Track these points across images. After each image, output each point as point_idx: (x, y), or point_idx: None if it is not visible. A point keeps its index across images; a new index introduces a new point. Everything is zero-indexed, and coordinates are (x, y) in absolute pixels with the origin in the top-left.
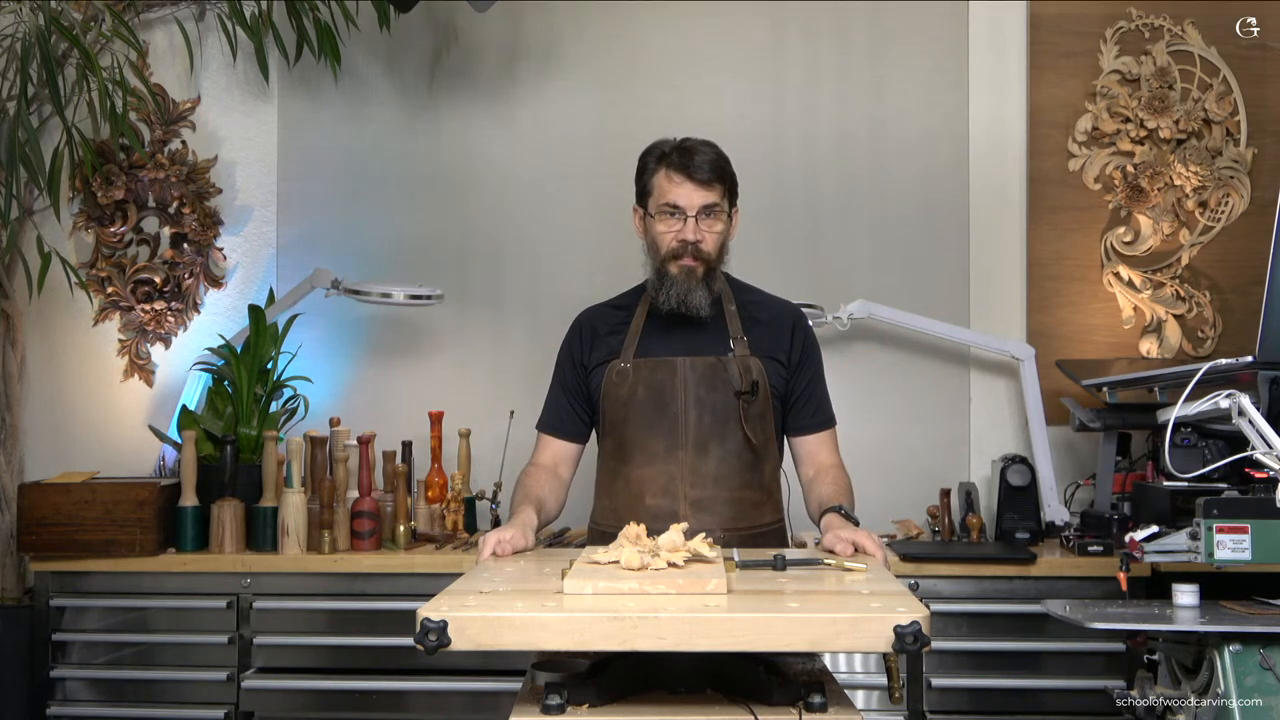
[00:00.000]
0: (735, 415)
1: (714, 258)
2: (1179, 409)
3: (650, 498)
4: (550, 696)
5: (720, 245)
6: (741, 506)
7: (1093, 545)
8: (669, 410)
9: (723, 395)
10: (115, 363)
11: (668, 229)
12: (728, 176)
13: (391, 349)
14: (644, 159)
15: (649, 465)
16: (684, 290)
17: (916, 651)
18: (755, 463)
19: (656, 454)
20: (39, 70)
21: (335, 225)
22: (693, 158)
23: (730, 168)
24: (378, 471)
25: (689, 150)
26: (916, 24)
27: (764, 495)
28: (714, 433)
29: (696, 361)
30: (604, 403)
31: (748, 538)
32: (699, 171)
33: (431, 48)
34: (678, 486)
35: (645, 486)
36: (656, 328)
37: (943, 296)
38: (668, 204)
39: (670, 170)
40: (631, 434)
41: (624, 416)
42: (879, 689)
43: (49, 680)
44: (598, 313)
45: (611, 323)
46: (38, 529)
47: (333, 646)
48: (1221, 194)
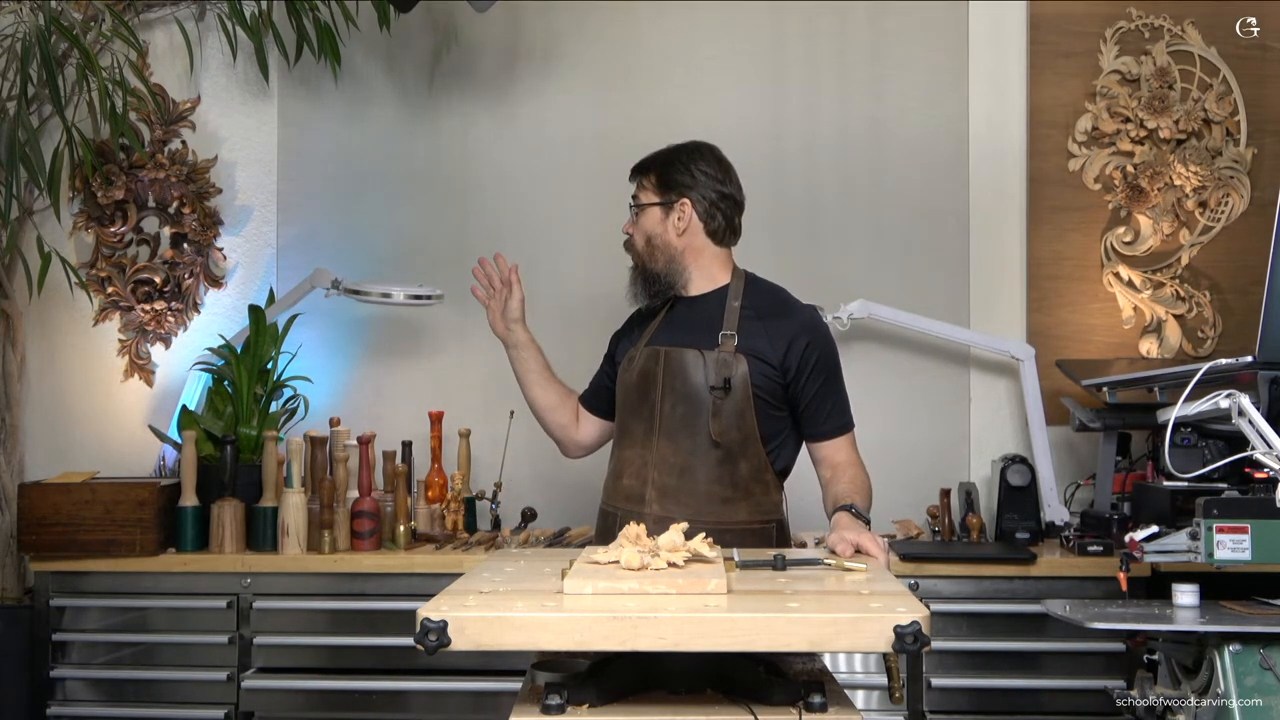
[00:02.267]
0: (707, 409)
1: (640, 250)
2: (1179, 409)
3: (626, 478)
4: (550, 696)
5: (645, 238)
6: (709, 500)
7: (1093, 545)
8: (650, 397)
9: (698, 388)
10: (115, 363)
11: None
12: (660, 165)
13: (391, 349)
14: None
15: (630, 448)
16: (630, 288)
17: (916, 651)
18: (726, 458)
19: (637, 438)
20: (39, 70)
21: (335, 225)
22: (640, 163)
23: (668, 158)
24: (378, 471)
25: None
26: (916, 24)
27: (737, 493)
28: (684, 424)
29: (674, 352)
30: (616, 389)
31: (714, 531)
32: (633, 173)
33: (431, 48)
34: (648, 471)
35: (624, 467)
36: (670, 320)
37: (943, 296)
38: None
39: None
40: (623, 417)
41: (622, 400)
42: (879, 689)
43: (49, 680)
44: (648, 308)
45: (647, 316)
46: (38, 529)
47: (333, 646)
48: (1221, 194)
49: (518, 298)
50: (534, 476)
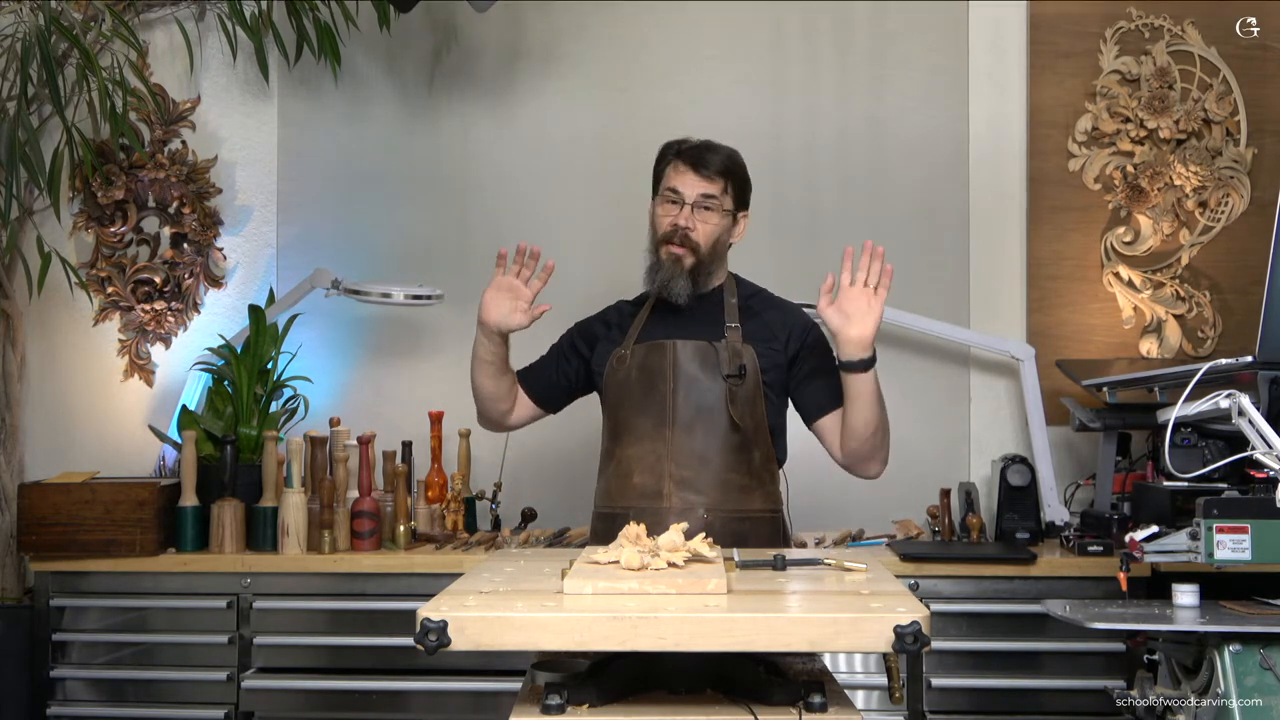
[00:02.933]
0: (723, 398)
1: (703, 249)
2: (1179, 409)
3: (638, 475)
4: (550, 696)
5: (713, 239)
6: (727, 489)
7: (1093, 545)
8: (658, 390)
9: (711, 378)
10: (115, 363)
11: (665, 213)
12: (735, 177)
13: (391, 349)
14: (663, 150)
15: (638, 444)
16: (667, 276)
17: (916, 651)
18: (742, 445)
19: (645, 433)
20: (39, 70)
21: (335, 225)
22: (704, 155)
23: (743, 172)
24: (378, 471)
25: (705, 147)
26: (916, 24)
27: (752, 480)
28: (701, 413)
29: (687, 344)
30: (605, 387)
31: (733, 519)
32: (704, 166)
33: (431, 48)
34: (664, 464)
35: (634, 465)
36: (659, 317)
37: (943, 296)
38: (669, 189)
39: (680, 161)
40: (625, 415)
41: (619, 399)
42: (879, 689)
43: (49, 680)
44: (619, 307)
45: (626, 315)
46: (38, 529)
47: (333, 646)
48: (1221, 194)
49: (535, 289)
50: (534, 476)
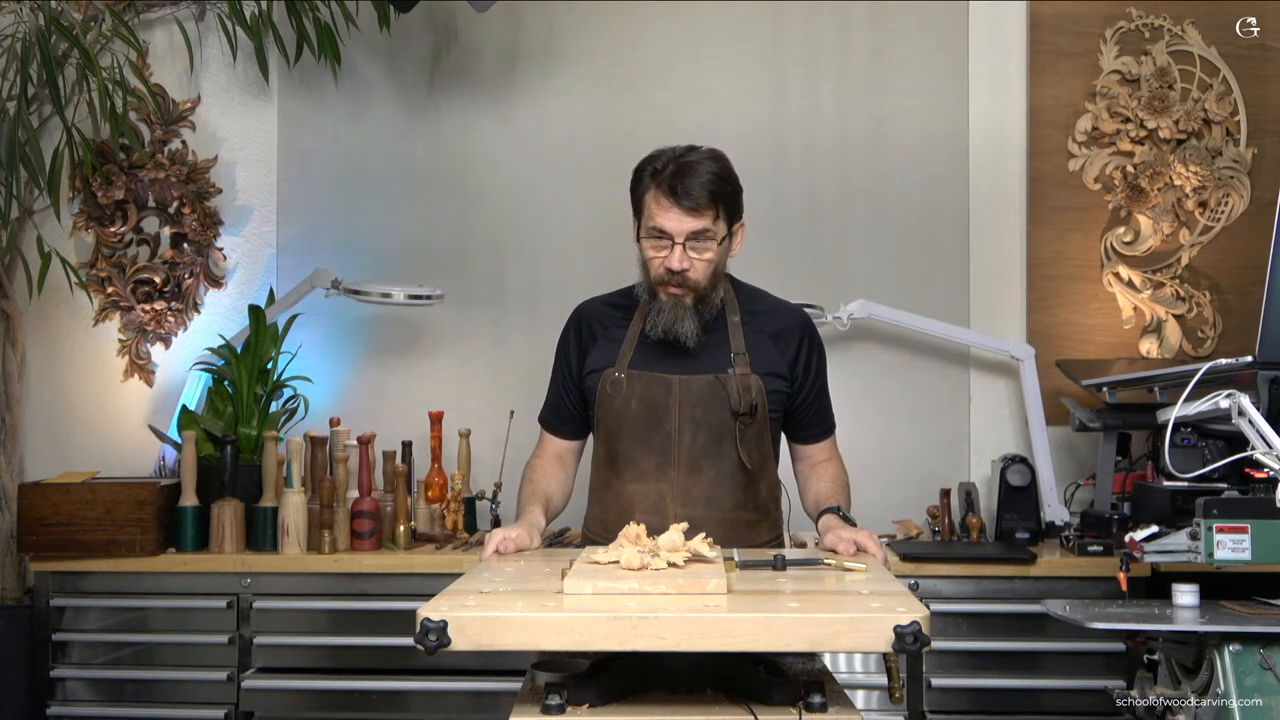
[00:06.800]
0: (730, 436)
1: (703, 285)
2: (1179, 409)
3: (640, 514)
4: (550, 696)
5: (711, 271)
6: (734, 528)
7: (1093, 545)
8: (662, 428)
9: (718, 415)
10: (115, 363)
11: (656, 253)
12: (723, 196)
13: (391, 349)
14: (638, 171)
15: (640, 482)
16: (670, 320)
17: (916, 651)
18: (749, 483)
19: (648, 471)
20: (39, 70)
21: (335, 225)
22: (684, 180)
23: (729, 185)
24: (378, 471)
25: (683, 171)
26: (916, 24)
27: (759, 515)
28: (707, 453)
29: (692, 380)
30: (599, 410)
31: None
32: (687, 198)
33: (431, 48)
34: (668, 506)
35: (635, 503)
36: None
37: (943, 297)
38: (655, 228)
39: (660, 193)
40: (624, 448)
41: (617, 429)
42: (879, 689)
43: (49, 680)
44: (596, 311)
45: (608, 323)
46: (38, 529)
47: (333, 646)
48: (1221, 194)
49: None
50: None
